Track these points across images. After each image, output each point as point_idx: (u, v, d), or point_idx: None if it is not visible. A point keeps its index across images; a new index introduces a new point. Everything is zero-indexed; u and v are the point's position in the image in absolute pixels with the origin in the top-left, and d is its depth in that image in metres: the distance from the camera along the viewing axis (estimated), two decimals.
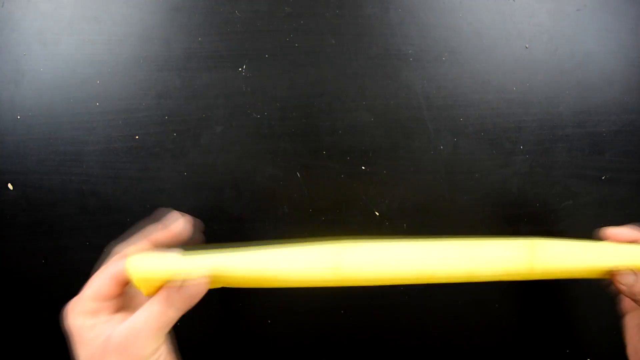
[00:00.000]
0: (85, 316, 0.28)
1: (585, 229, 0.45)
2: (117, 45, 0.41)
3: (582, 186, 0.44)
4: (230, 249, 0.30)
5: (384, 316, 0.45)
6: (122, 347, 0.26)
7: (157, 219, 0.32)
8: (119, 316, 0.28)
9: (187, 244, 0.32)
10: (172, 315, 0.28)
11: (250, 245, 0.31)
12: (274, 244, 0.31)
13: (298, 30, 0.42)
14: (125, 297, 0.30)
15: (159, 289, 0.28)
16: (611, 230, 0.34)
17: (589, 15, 0.44)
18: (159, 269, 0.28)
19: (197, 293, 0.28)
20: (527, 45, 0.43)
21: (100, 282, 0.29)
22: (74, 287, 0.44)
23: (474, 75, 0.43)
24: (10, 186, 0.42)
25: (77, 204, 0.42)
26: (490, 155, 0.44)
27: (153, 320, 0.27)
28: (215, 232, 0.43)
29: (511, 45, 0.43)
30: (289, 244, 0.31)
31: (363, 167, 0.43)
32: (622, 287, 0.31)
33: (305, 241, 0.32)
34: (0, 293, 0.44)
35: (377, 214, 0.44)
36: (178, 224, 0.31)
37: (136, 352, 0.26)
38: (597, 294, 0.44)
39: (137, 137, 0.42)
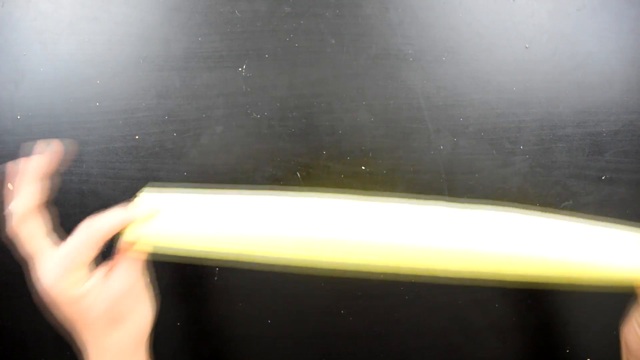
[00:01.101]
0: (78, 284, 0.29)
1: None
2: (117, 45, 0.41)
3: (582, 186, 0.44)
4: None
5: (384, 316, 0.45)
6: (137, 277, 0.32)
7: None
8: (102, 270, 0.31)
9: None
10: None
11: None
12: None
13: (298, 30, 0.42)
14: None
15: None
16: None
17: (589, 15, 0.44)
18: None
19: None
20: (527, 45, 0.43)
21: (82, 251, 0.29)
22: None
23: (474, 75, 0.43)
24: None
25: (77, 204, 0.42)
26: (490, 155, 0.44)
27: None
28: None
29: (511, 45, 0.43)
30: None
31: (363, 167, 0.43)
32: None
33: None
34: (0, 293, 0.44)
35: None
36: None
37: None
38: (597, 294, 0.44)
39: (137, 137, 0.42)
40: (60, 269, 0.28)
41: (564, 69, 0.44)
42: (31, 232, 0.29)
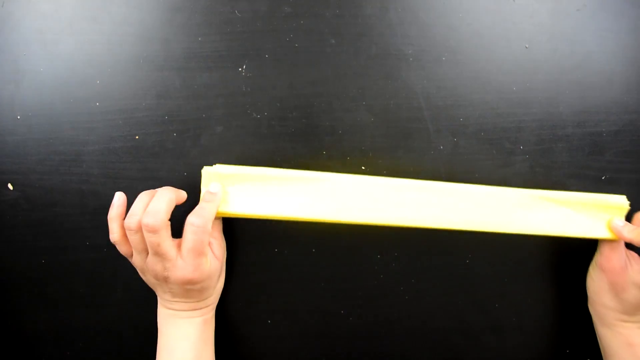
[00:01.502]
0: (207, 262, 0.38)
1: None
2: (117, 45, 0.41)
3: (582, 186, 0.44)
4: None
5: (384, 316, 0.45)
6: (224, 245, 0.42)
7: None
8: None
9: None
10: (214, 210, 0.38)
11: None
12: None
13: (298, 30, 0.42)
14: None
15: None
16: None
17: (589, 15, 0.44)
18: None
19: (219, 189, 0.39)
20: (527, 45, 0.43)
21: (202, 240, 0.36)
22: (74, 287, 0.44)
23: (474, 75, 0.43)
24: (10, 186, 0.42)
25: (77, 204, 0.43)
26: (490, 155, 0.44)
27: (214, 221, 0.39)
28: None
29: (511, 45, 0.43)
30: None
31: (363, 167, 0.43)
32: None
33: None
34: (0, 293, 0.44)
35: None
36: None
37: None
38: None
39: (137, 137, 0.42)
40: (196, 258, 0.36)
41: (564, 69, 0.44)
42: (167, 238, 0.36)
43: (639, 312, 0.40)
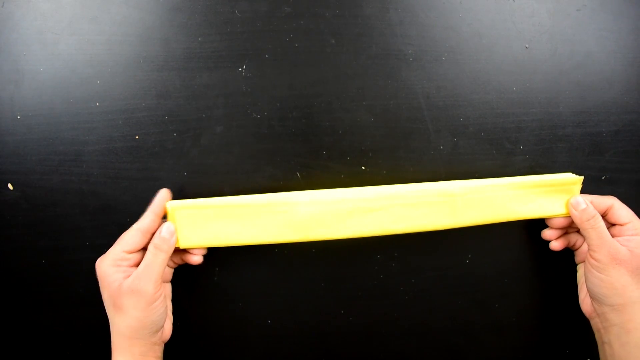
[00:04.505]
0: (110, 264, 0.37)
1: None
2: (117, 45, 0.41)
3: (582, 186, 0.44)
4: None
5: (384, 316, 0.45)
6: (131, 289, 0.36)
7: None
8: (134, 269, 0.37)
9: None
10: (162, 257, 0.37)
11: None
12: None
13: (298, 30, 0.42)
14: (142, 256, 0.38)
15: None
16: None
17: (589, 15, 0.44)
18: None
19: (171, 236, 0.38)
20: (527, 45, 0.43)
21: (127, 236, 0.37)
22: (74, 287, 0.44)
23: (474, 75, 0.43)
24: (10, 186, 0.42)
25: (77, 204, 0.43)
26: (490, 155, 0.44)
27: (150, 264, 0.37)
28: None
29: (511, 45, 0.43)
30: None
31: (363, 167, 0.43)
32: (575, 213, 0.40)
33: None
34: (0, 293, 0.44)
35: None
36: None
37: (143, 290, 0.36)
38: None
39: (137, 137, 0.42)
40: (108, 251, 0.37)
41: (564, 69, 0.44)
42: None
43: None
